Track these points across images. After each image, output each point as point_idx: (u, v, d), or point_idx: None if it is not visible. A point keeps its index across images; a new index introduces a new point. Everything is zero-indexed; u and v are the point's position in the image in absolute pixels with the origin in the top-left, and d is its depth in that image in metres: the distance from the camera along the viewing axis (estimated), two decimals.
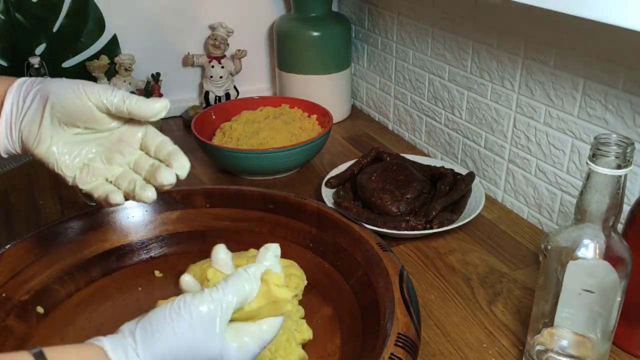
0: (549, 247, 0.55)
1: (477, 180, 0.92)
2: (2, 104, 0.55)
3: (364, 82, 1.31)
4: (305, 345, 0.64)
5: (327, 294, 0.71)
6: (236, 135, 1.03)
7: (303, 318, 0.66)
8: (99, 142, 0.57)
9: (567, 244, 0.53)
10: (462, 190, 0.89)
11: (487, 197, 0.92)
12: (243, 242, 0.79)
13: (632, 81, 0.69)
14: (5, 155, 0.56)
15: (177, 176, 0.56)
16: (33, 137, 0.54)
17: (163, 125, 1.25)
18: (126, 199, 0.56)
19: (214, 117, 1.11)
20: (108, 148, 0.57)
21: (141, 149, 0.59)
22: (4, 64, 1.13)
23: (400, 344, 0.53)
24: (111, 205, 0.56)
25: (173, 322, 0.43)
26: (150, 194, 0.55)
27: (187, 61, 1.27)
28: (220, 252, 0.54)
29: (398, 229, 0.82)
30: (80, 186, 0.56)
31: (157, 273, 0.76)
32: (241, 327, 0.48)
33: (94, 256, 0.76)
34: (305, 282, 0.63)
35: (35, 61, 1.10)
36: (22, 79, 0.57)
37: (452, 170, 0.94)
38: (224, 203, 0.81)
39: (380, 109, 1.27)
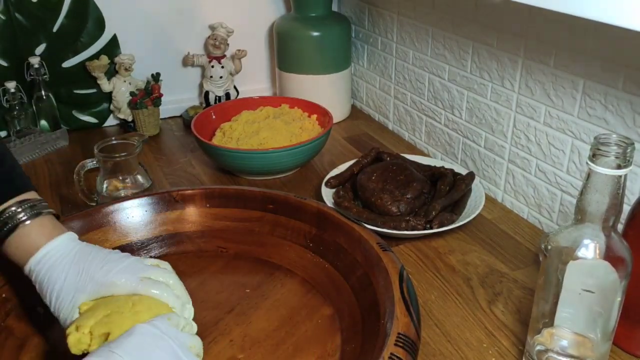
0: (549, 247, 0.55)
1: (477, 180, 0.92)
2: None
3: (364, 82, 1.31)
4: (305, 345, 0.64)
5: (327, 294, 0.71)
6: (236, 135, 1.03)
7: None
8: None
9: (567, 244, 0.53)
10: (462, 190, 0.89)
11: (487, 197, 0.92)
12: (243, 242, 0.79)
13: (632, 81, 0.69)
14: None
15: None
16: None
17: (163, 125, 1.25)
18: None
19: (214, 117, 1.11)
20: None
21: None
22: (4, 64, 1.13)
23: (400, 344, 0.53)
24: None
25: None
26: None
27: (187, 61, 1.27)
28: None
29: (398, 229, 0.82)
30: None
31: None
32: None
33: None
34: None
35: (35, 61, 1.10)
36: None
37: (452, 170, 0.94)
38: (224, 203, 0.81)
39: (380, 109, 1.27)
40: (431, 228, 0.82)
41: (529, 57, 0.83)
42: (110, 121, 1.26)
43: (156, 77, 1.22)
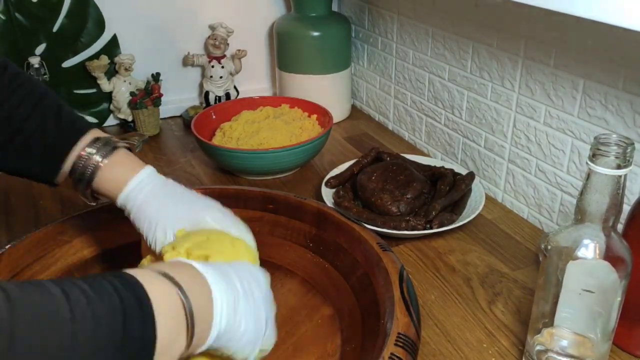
0: (549, 247, 0.55)
1: (477, 180, 0.92)
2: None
3: (364, 82, 1.31)
4: (305, 345, 0.64)
5: (327, 294, 0.71)
6: (236, 135, 1.03)
7: None
8: None
9: (567, 244, 0.53)
10: (462, 190, 0.89)
11: (487, 197, 0.92)
12: None
13: (632, 81, 0.69)
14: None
15: None
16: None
17: (163, 125, 1.25)
18: None
19: (214, 117, 1.11)
20: None
21: None
22: None
23: (400, 344, 0.53)
24: None
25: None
26: None
27: (187, 61, 1.27)
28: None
29: (398, 229, 0.82)
30: None
31: None
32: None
33: (94, 256, 0.76)
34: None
35: (35, 61, 1.10)
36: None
37: (452, 170, 0.94)
38: (224, 203, 0.80)
39: (380, 109, 1.27)
40: (431, 228, 0.82)
41: (529, 57, 0.83)
42: (110, 121, 1.26)
43: (156, 77, 1.22)
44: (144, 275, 0.43)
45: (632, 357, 0.63)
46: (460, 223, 0.83)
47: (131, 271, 0.43)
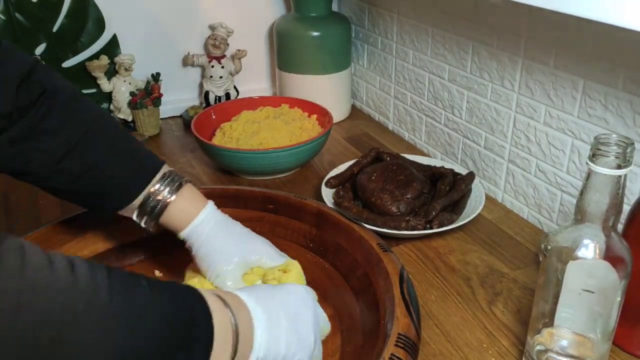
0: (549, 247, 0.55)
1: (477, 180, 0.92)
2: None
3: (364, 82, 1.31)
4: None
5: (327, 294, 0.71)
6: (236, 135, 1.03)
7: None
8: None
9: (567, 244, 0.53)
10: (462, 190, 0.89)
11: (487, 197, 0.92)
12: None
13: (632, 81, 0.69)
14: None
15: None
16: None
17: (163, 125, 1.25)
18: None
19: (214, 117, 1.11)
20: None
21: None
22: None
23: (401, 344, 0.53)
24: None
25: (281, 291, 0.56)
26: None
27: (187, 61, 1.27)
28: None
29: (398, 229, 0.82)
30: None
31: (157, 273, 0.76)
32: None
33: (94, 256, 0.76)
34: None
35: None
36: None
37: (452, 170, 0.94)
38: (224, 203, 0.81)
39: (380, 109, 1.27)
40: (431, 228, 0.82)
41: (529, 57, 0.83)
42: None
43: (156, 77, 1.22)
44: (202, 292, 0.48)
45: (632, 357, 0.63)
46: (460, 223, 0.83)
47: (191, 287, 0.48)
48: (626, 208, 0.60)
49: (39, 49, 1.15)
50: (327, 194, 0.92)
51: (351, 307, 0.67)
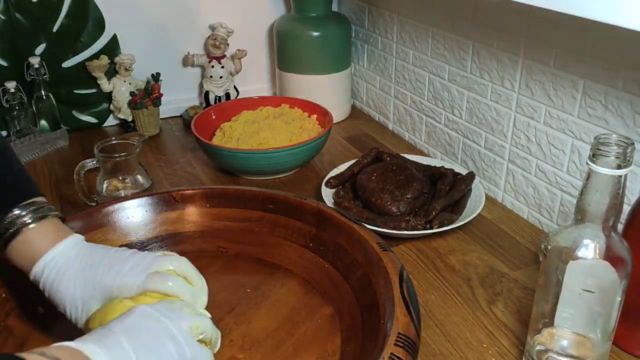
0: (549, 247, 0.55)
1: (477, 180, 0.92)
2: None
3: (364, 82, 1.31)
4: (305, 345, 0.64)
5: (327, 294, 0.71)
6: (236, 135, 1.03)
7: None
8: None
9: (567, 244, 0.53)
10: (462, 190, 0.89)
11: (487, 197, 0.92)
12: (243, 242, 0.79)
13: (632, 81, 0.69)
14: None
15: None
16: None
17: (163, 125, 1.25)
18: None
19: (214, 117, 1.11)
20: None
21: None
22: (4, 64, 1.13)
23: (400, 344, 0.53)
24: None
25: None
26: None
27: (187, 61, 1.27)
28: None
29: (398, 229, 0.82)
30: None
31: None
32: None
33: None
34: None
35: (35, 61, 1.10)
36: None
37: (452, 170, 0.94)
38: (224, 203, 0.81)
39: (380, 109, 1.27)
40: (431, 228, 0.82)
41: (529, 57, 0.83)
42: (110, 121, 1.26)
43: (156, 77, 1.22)
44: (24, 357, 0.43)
45: (632, 357, 0.63)
46: (460, 223, 0.83)
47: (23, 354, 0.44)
48: (626, 208, 0.60)
49: (39, 49, 1.15)
50: (327, 194, 0.92)
51: (351, 307, 0.67)
